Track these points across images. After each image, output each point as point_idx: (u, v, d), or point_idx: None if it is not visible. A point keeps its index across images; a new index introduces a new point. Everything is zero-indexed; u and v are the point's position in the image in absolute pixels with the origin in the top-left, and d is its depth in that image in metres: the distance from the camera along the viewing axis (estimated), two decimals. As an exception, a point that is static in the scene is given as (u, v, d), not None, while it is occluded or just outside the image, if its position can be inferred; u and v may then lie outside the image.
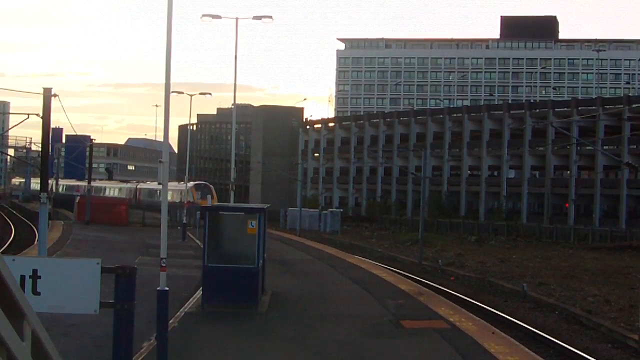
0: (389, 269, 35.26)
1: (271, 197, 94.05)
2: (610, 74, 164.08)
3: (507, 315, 25.09)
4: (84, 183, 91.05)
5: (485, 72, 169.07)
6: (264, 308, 19.90)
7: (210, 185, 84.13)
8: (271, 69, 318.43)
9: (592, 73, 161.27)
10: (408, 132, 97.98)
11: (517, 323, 23.33)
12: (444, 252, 51.28)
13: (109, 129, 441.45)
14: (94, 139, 78.92)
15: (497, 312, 25.63)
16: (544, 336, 21.21)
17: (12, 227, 60.68)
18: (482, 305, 26.93)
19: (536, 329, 22.47)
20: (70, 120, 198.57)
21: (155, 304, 13.52)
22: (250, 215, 19.85)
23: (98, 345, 15.40)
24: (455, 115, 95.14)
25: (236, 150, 63.07)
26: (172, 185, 77.78)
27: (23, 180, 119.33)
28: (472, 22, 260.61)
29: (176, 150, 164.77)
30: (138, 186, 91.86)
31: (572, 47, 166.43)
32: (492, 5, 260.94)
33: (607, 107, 76.98)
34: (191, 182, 75.43)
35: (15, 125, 44.75)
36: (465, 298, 28.78)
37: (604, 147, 74.48)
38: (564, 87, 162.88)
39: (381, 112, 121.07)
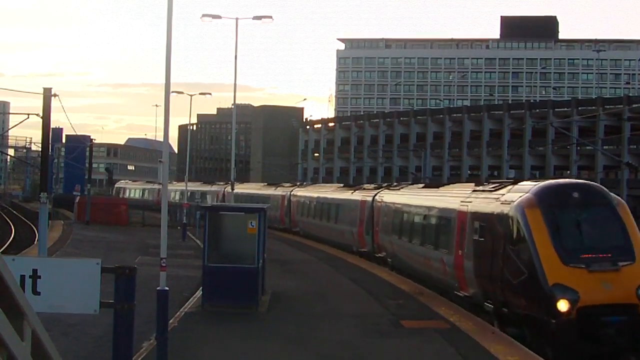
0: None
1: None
2: (610, 74, 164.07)
3: (507, 315, 24.75)
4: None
5: (485, 72, 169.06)
6: (264, 308, 19.90)
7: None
8: (271, 69, 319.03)
9: (592, 73, 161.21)
10: (408, 132, 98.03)
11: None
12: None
13: (109, 129, 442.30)
14: (94, 139, 78.80)
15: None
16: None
17: (12, 227, 60.65)
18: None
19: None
20: (70, 120, 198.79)
21: (155, 304, 13.52)
22: (250, 215, 19.86)
23: (98, 345, 15.40)
24: (455, 115, 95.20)
25: (236, 150, 62.60)
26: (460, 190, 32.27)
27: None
28: (472, 22, 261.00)
29: (176, 151, 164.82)
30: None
31: (572, 47, 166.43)
32: (492, 5, 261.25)
33: (607, 107, 77.01)
34: (530, 183, 21.16)
35: (15, 126, 44.82)
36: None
37: (604, 147, 74.49)
38: (564, 87, 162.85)
39: (381, 112, 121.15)
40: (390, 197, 31.38)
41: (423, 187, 29.32)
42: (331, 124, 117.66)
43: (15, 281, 5.12)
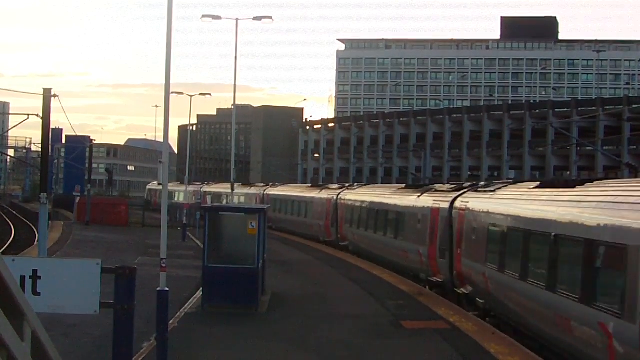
0: (389, 269, 35.19)
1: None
2: (610, 74, 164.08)
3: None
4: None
5: (485, 72, 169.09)
6: (264, 308, 19.90)
7: None
8: (271, 69, 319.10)
9: (592, 74, 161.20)
10: (408, 132, 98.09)
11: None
12: (444, 252, 51.03)
13: (109, 129, 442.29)
14: (94, 140, 78.75)
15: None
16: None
17: (12, 227, 60.64)
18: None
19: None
20: (69, 120, 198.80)
21: (155, 304, 13.52)
22: (250, 215, 19.86)
23: (98, 346, 15.40)
24: (455, 115, 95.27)
25: (236, 150, 61.98)
26: None
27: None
28: (472, 22, 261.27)
29: (176, 151, 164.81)
30: (203, 189, 73.98)
31: (572, 48, 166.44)
32: (492, 5, 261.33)
33: (607, 107, 77.08)
34: None
35: (15, 126, 44.87)
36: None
37: (604, 148, 74.50)
38: (564, 87, 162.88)
39: (381, 113, 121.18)
40: (481, 203, 20.33)
41: (538, 187, 17.27)
42: (331, 125, 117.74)
43: (15, 281, 5.12)
